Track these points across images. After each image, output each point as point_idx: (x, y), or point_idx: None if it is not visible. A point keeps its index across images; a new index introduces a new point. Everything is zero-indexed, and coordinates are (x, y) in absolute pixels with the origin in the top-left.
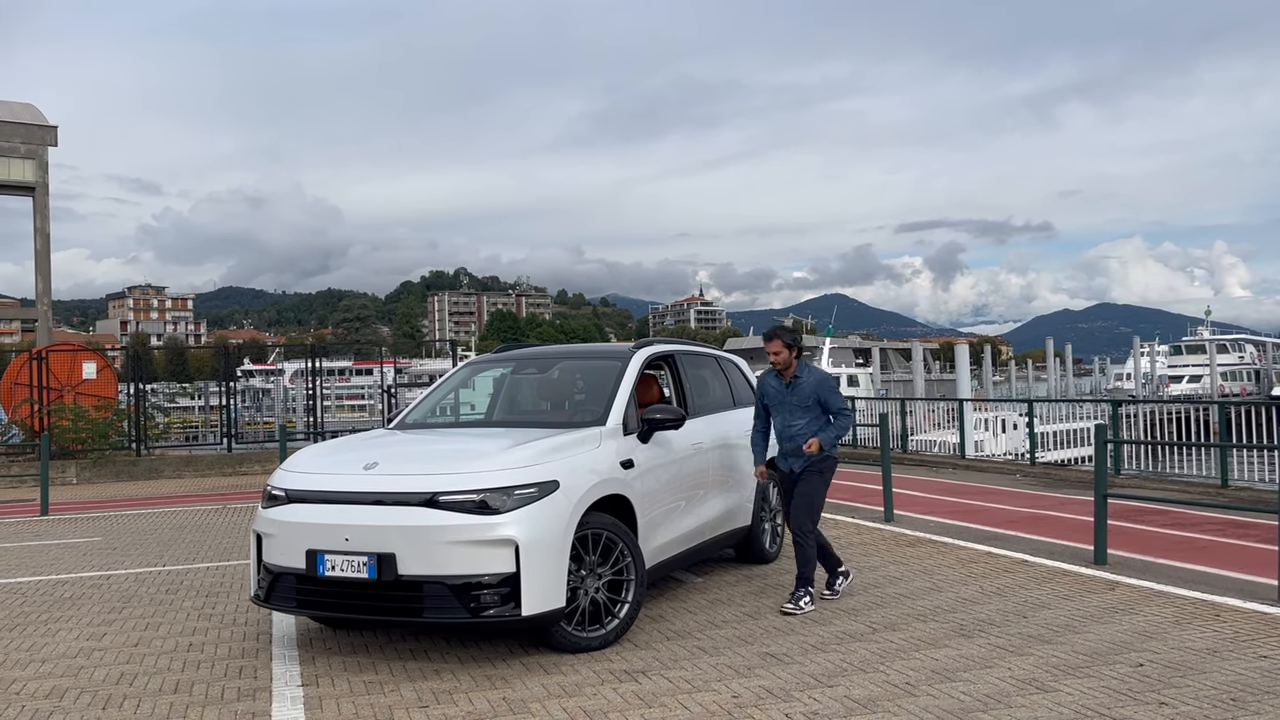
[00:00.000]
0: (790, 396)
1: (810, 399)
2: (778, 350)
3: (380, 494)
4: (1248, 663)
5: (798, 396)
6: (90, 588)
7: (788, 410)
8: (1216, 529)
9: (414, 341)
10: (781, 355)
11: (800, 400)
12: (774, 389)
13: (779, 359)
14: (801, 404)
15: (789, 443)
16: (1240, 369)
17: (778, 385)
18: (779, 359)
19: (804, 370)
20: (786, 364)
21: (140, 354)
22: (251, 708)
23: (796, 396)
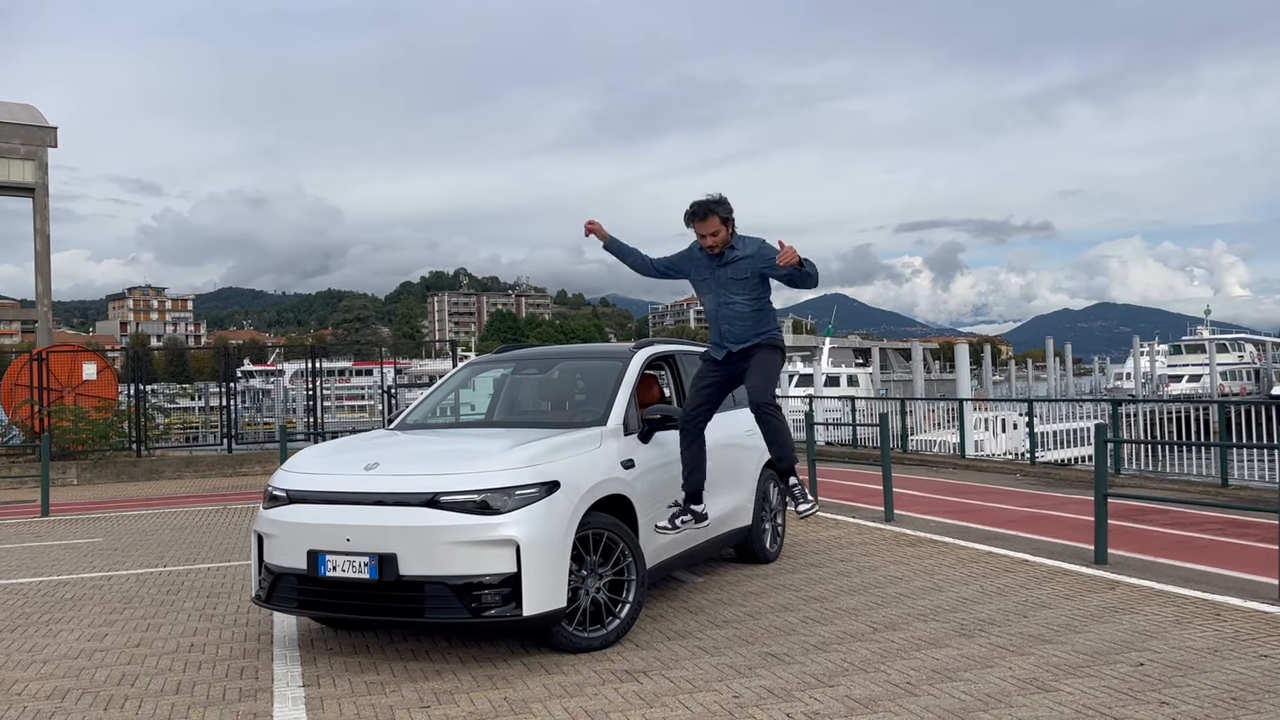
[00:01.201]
0: (725, 269)
1: (748, 271)
2: (715, 230)
3: (381, 494)
4: (1248, 662)
5: (734, 269)
6: (91, 589)
7: (719, 287)
8: (1217, 528)
9: (414, 342)
10: (719, 236)
11: (737, 273)
12: (699, 261)
13: (715, 241)
14: (738, 276)
15: (725, 324)
16: (1240, 368)
17: (702, 256)
18: (715, 241)
19: (739, 242)
20: (723, 246)
21: (140, 355)
22: (253, 708)
23: (732, 269)
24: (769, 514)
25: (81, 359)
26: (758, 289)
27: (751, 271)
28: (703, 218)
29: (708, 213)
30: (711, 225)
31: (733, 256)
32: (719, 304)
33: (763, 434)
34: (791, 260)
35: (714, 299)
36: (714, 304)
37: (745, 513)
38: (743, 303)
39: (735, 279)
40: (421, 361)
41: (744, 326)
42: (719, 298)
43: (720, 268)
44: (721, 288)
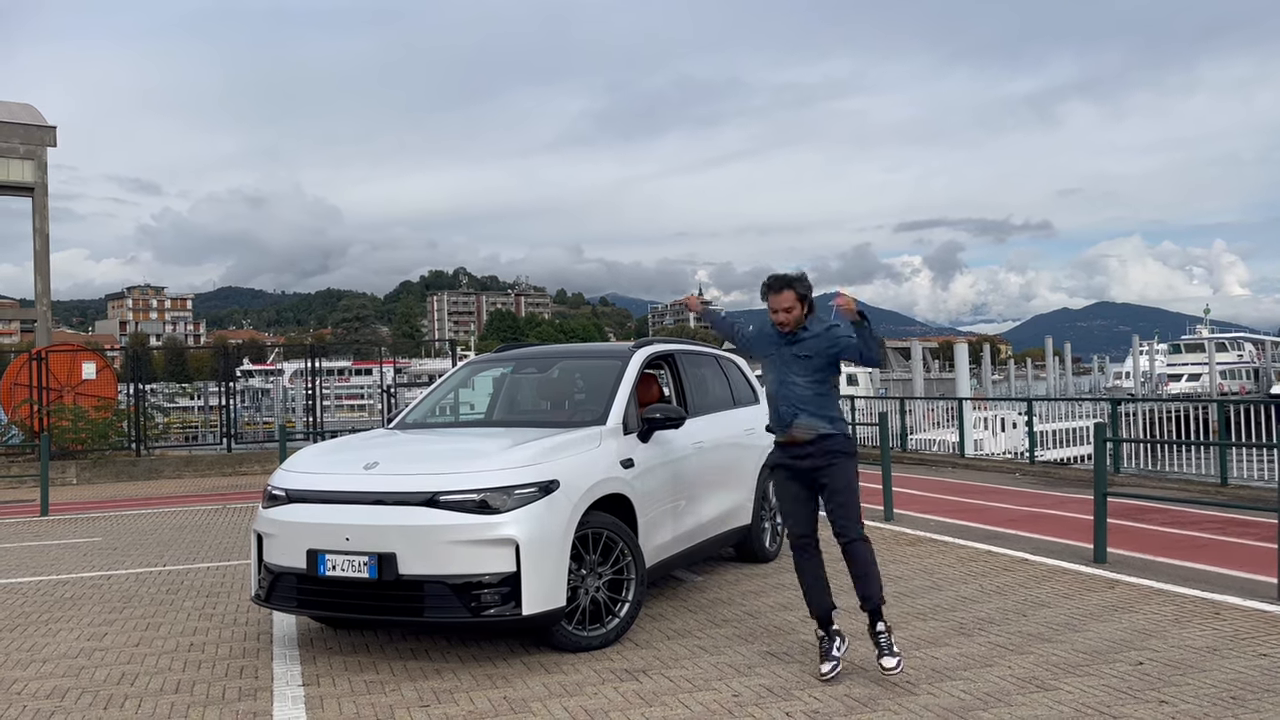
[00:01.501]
0: (791, 347)
1: (813, 350)
2: (789, 306)
3: (381, 494)
4: (1248, 661)
5: (804, 349)
6: (91, 588)
7: (783, 364)
8: (1216, 527)
9: (413, 341)
10: (794, 313)
11: (803, 350)
12: (769, 337)
13: (788, 319)
14: (803, 354)
15: (784, 405)
16: (1239, 367)
17: (773, 333)
18: (788, 319)
19: (813, 324)
20: (792, 328)
21: (140, 354)
22: (253, 707)
23: (799, 347)
24: (768, 513)
25: (81, 358)
26: (823, 371)
27: (818, 351)
28: (777, 290)
29: (783, 286)
30: (786, 300)
31: (802, 335)
32: (780, 383)
33: (850, 569)
34: (849, 307)
35: (776, 377)
36: (775, 383)
37: (744, 512)
38: (804, 384)
39: (800, 357)
40: (421, 361)
41: (803, 408)
42: (781, 376)
43: (787, 345)
44: (785, 365)
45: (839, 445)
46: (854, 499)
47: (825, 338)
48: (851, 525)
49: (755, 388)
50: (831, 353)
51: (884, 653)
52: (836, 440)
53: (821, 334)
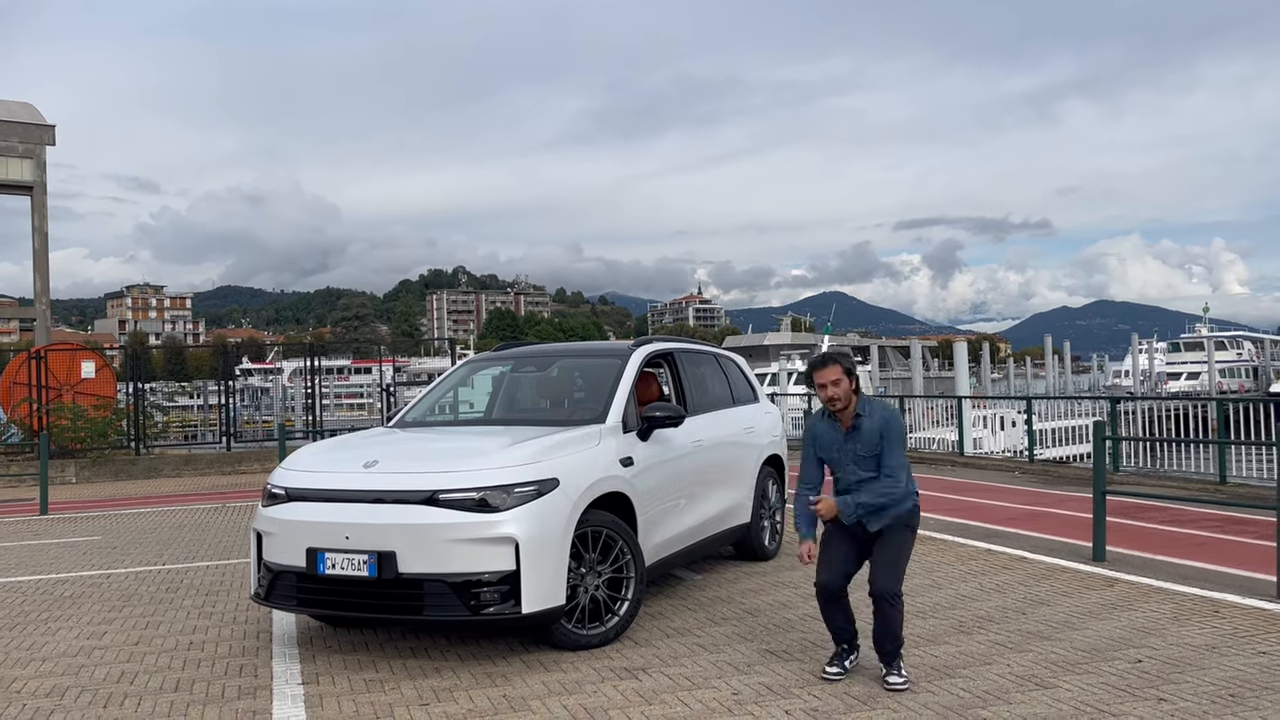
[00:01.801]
0: (852, 444)
1: (876, 446)
2: (836, 379)
3: (380, 492)
4: (1246, 659)
5: (862, 444)
6: (90, 587)
7: (851, 462)
8: (1215, 525)
9: (412, 340)
10: (841, 386)
11: (867, 448)
12: (829, 438)
13: (837, 392)
14: (869, 453)
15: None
16: (1238, 366)
17: (833, 433)
18: (837, 392)
19: (865, 407)
20: (846, 401)
21: (139, 353)
22: (252, 706)
23: (860, 444)
24: (768, 511)
25: (80, 357)
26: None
27: (878, 442)
28: (821, 365)
29: (827, 361)
30: (832, 373)
31: (859, 424)
32: (852, 481)
33: (875, 621)
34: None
35: (847, 476)
36: (848, 480)
37: (744, 510)
38: (871, 474)
39: (865, 455)
40: (420, 360)
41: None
42: (851, 475)
43: (849, 439)
44: (854, 463)
45: (906, 519)
46: (903, 561)
47: (879, 425)
48: (893, 583)
49: (755, 386)
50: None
51: (892, 671)
52: (910, 513)
53: (879, 422)
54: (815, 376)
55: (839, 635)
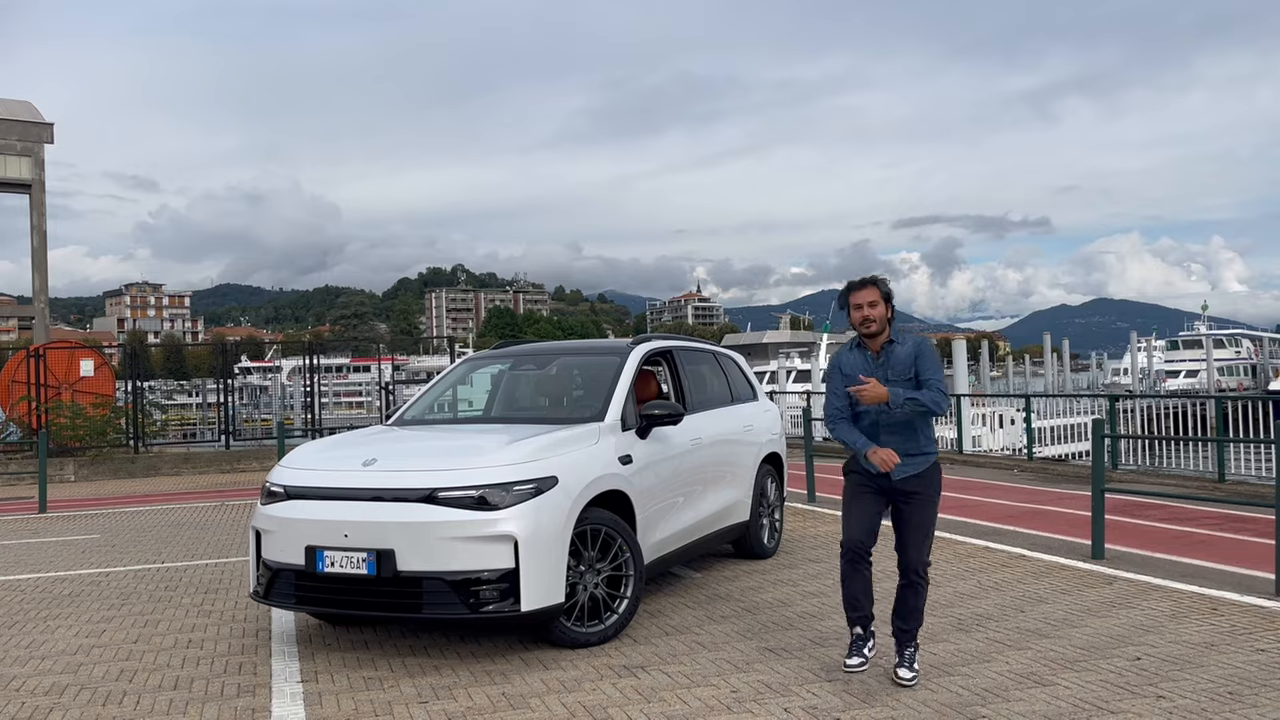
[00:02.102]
0: (882, 370)
1: (909, 368)
2: (873, 300)
3: (379, 490)
4: (1245, 656)
5: (893, 369)
6: (89, 585)
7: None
8: (1214, 523)
9: (411, 338)
10: (877, 309)
11: (898, 373)
12: (857, 365)
13: (873, 313)
14: (901, 377)
15: (886, 435)
16: (1237, 364)
17: (862, 360)
18: (873, 313)
19: (899, 335)
20: (880, 325)
21: (138, 351)
22: (251, 703)
23: (892, 369)
24: (766, 509)
25: (79, 355)
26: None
27: (912, 367)
28: (860, 286)
29: (866, 282)
30: (869, 294)
31: (892, 351)
32: (879, 411)
33: (900, 598)
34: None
35: (875, 410)
36: (874, 409)
37: (743, 508)
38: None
39: (896, 380)
40: (419, 358)
41: (908, 437)
42: (880, 408)
43: (879, 366)
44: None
45: (932, 475)
46: (932, 533)
47: (910, 352)
48: (923, 561)
49: (754, 384)
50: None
51: (904, 663)
52: (931, 470)
53: (910, 349)
54: (852, 297)
55: (856, 612)
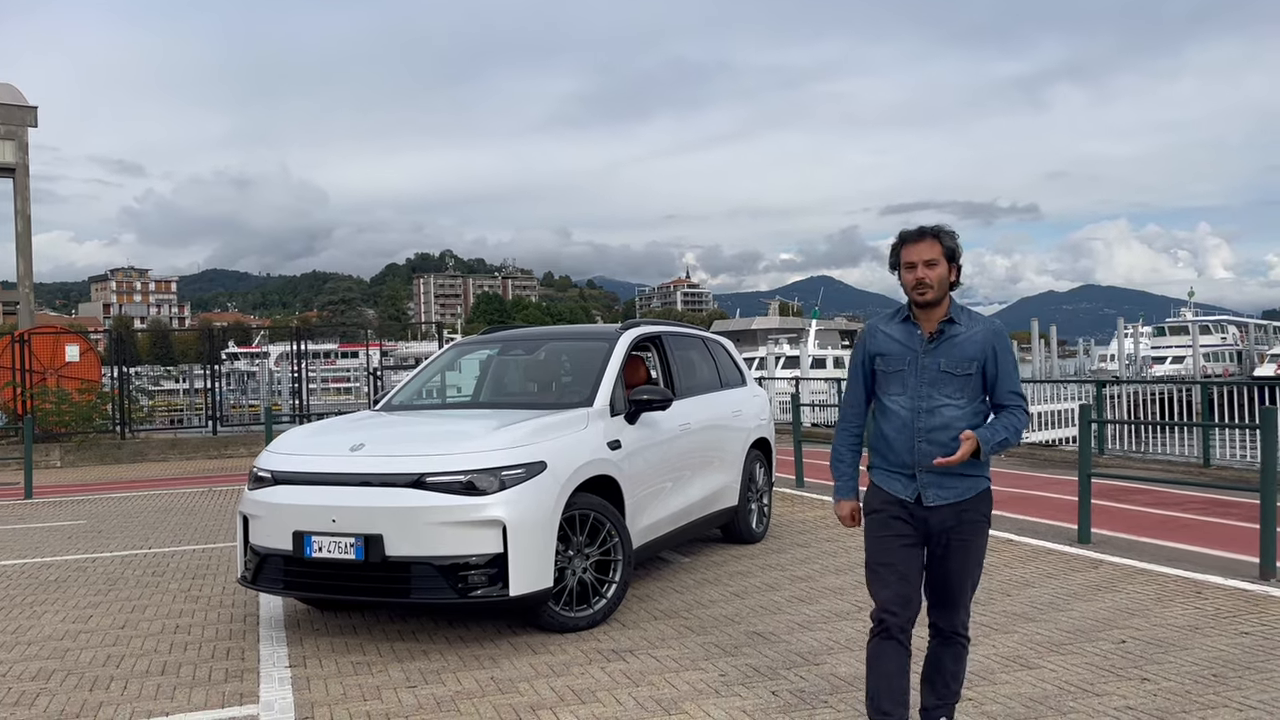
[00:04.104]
0: (934, 357)
1: (974, 363)
2: (931, 259)
3: (367, 475)
4: (1229, 639)
5: (950, 358)
6: (76, 570)
7: (921, 380)
8: (1199, 507)
9: (399, 324)
10: (936, 270)
11: (956, 364)
12: (898, 345)
13: (930, 275)
14: (959, 370)
15: (925, 442)
16: (1223, 350)
17: (906, 338)
18: (930, 275)
19: (962, 314)
20: (940, 292)
21: (124, 337)
22: (239, 688)
23: (948, 358)
24: (755, 494)
25: (64, 341)
26: (979, 395)
27: (978, 363)
28: (916, 238)
29: (924, 234)
30: (928, 249)
31: (953, 333)
32: (917, 407)
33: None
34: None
35: (911, 398)
36: (909, 406)
37: (731, 493)
38: (957, 410)
39: (951, 372)
40: (407, 344)
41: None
42: (919, 396)
43: (929, 351)
44: (926, 382)
45: (983, 504)
46: (976, 579)
47: (982, 340)
48: (965, 615)
49: (742, 370)
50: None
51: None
52: (982, 499)
53: (981, 335)
54: (904, 251)
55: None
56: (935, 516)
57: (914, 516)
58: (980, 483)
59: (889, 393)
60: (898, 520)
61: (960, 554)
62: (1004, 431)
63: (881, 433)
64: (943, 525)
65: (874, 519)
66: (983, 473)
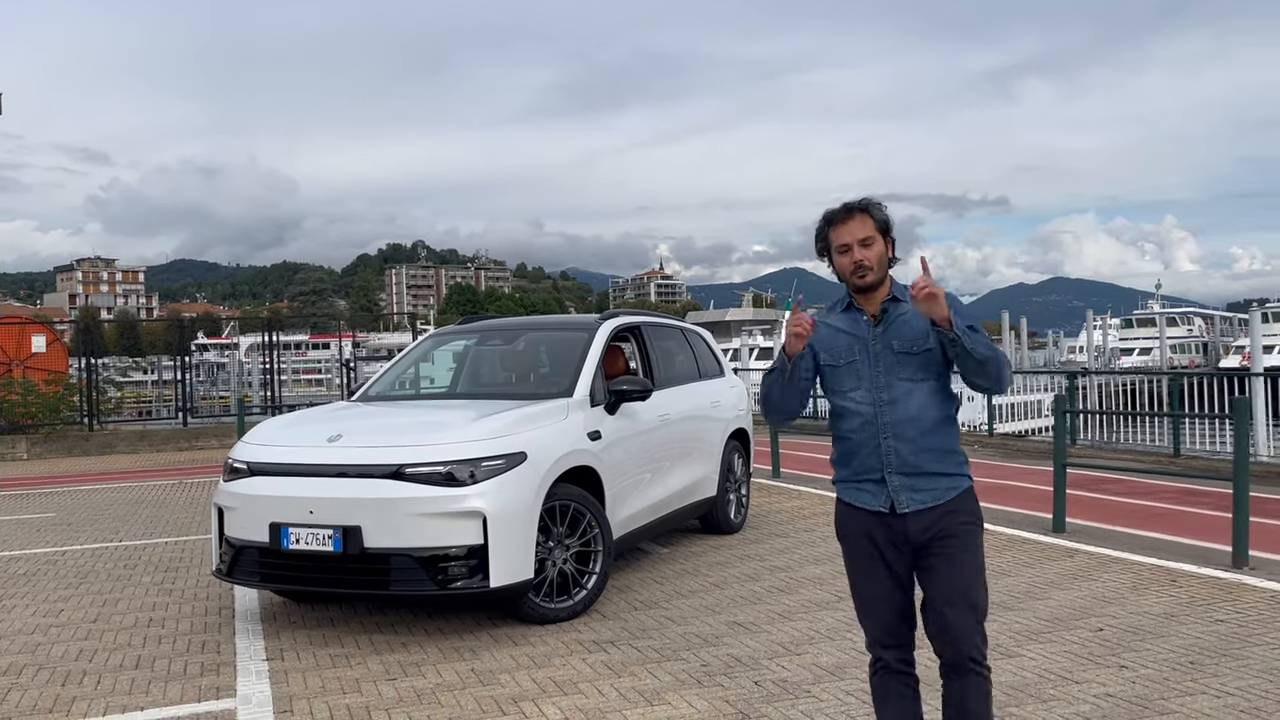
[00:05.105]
0: (884, 340)
1: (929, 335)
2: (865, 237)
3: (345, 466)
4: (1204, 626)
5: (902, 338)
6: (45, 564)
7: (876, 367)
8: (1170, 497)
9: (371, 315)
10: (874, 249)
11: (911, 341)
12: (845, 335)
13: (867, 256)
14: (915, 347)
15: (893, 438)
16: (1189, 342)
17: (851, 327)
18: (867, 256)
19: (905, 291)
20: (879, 274)
21: (91, 327)
22: (216, 682)
23: (900, 338)
24: (733, 485)
25: (30, 331)
26: (943, 370)
27: (934, 334)
28: (844, 217)
29: (851, 210)
30: (859, 227)
31: (900, 311)
32: (878, 399)
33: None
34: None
35: (869, 390)
36: (869, 400)
37: (710, 484)
38: (925, 396)
39: (908, 351)
40: (379, 335)
41: (928, 447)
42: (878, 386)
43: (878, 336)
44: (882, 370)
45: (968, 504)
46: (980, 593)
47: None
48: (978, 639)
49: (720, 361)
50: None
51: None
52: (967, 497)
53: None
54: (833, 234)
55: None
56: (915, 525)
57: (891, 532)
58: (960, 481)
59: (843, 390)
60: (872, 544)
61: (951, 565)
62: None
63: (841, 437)
64: (925, 535)
65: (847, 545)
66: (961, 470)
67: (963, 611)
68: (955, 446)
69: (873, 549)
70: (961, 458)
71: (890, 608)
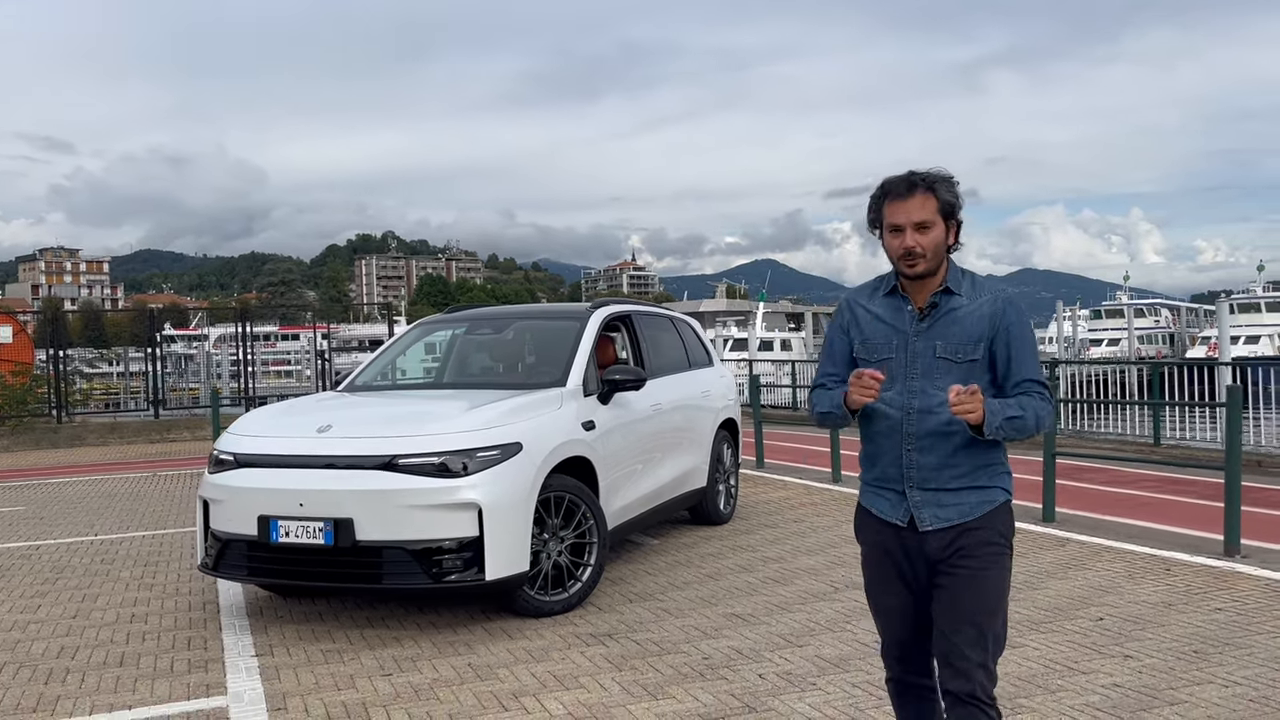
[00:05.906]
0: (927, 339)
1: (979, 345)
2: (924, 220)
3: (335, 457)
4: (1204, 615)
5: (948, 339)
6: (18, 559)
7: (918, 373)
8: (1154, 486)
9: (341, 306)
10: (930, 234)
11: (956, 348)
12: (883, 326)
13: (922, 241)
14: (960, 355)
15: (916, 451)
16: (1156, 333)
17: (893, 317)
18: (922, 241)
19: (961, 281)
20: (934, 261)
21: (57, 317)
22: (205, 679)
23: (945, 339)
24: (723, 475)
25: None
26: (988, 388)
27: (984, 343)
28: (906, 192)
29: (914, 185)
30: (919, 209)
31: (952, 306)
32: (908, 406)
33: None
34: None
35: (900, 394)
36: (899, 405)
37: (701, 474)
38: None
39: (950, 358)
40: (350, 326)
41: (956, 465)
42: (910, 394)
43: (921, 331)
44: (919, 373)
45: (998, 522)
46: (994, 623)
47: (988, 314)
48: (972, 672)
49: (709, 350)
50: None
51: None
52: (997, 515)
53: (987, 309)
54: (888, 208)
55: None
56: (935, 542)
57: (907, 548)
58: (993, 495)
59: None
60: (888, 559)
61: (963, 587)
62: (1018, 409)
63: (867, 437)
64: (944, 553)
65: (864, 550)
66: (996, 483)
67: (967, 640)
68: (991, 460)
69: (889, 561)
70: (1000, 469)
71: (905, 623)
